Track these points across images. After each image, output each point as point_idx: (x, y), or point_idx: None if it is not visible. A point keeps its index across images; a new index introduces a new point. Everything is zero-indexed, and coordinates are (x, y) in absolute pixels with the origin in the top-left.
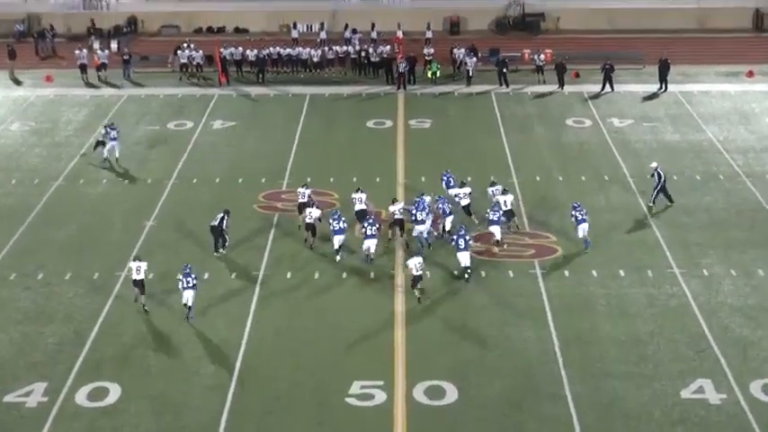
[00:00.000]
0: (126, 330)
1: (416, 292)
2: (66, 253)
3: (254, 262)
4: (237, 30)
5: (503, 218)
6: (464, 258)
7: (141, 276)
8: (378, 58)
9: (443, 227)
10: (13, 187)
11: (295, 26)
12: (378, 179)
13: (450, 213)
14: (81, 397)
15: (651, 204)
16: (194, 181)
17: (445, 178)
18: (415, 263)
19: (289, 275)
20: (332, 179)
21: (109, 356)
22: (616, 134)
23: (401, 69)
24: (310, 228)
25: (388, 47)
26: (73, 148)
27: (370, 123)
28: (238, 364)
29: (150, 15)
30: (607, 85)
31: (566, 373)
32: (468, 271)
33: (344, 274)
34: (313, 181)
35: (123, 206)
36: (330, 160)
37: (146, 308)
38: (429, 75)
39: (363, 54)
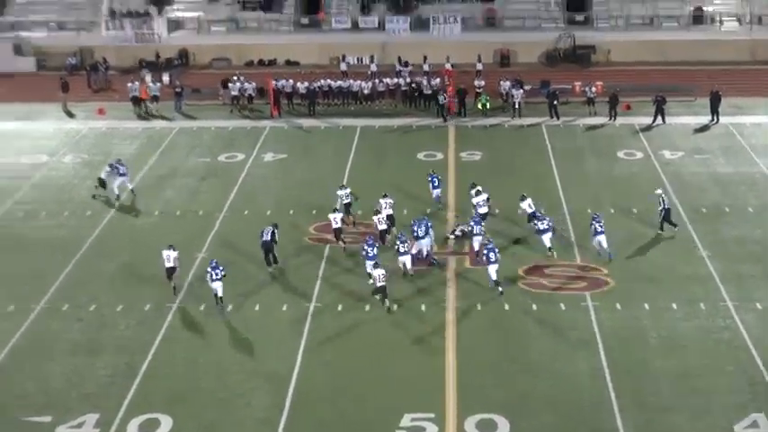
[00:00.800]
0: (177, 362)
1: (387, 303)
2: (118, 285)
3: (306, 294)
4: (288, 62)
5: (551, 224)
6: (494, 272)
7: (172, 264)
8: (430, 91)
9: (475, 248)
10: (65, 219)
11: (344, 59)
12: (428, 210)
13: (479, 234)
14: (133, 428)
15: (660, 231)
16: (245, 213)
17: (431, 179)
18: (379, 273)
19: (340, 308)
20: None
21: (160, 388)
22: (667, 166)
23: (441, 102)
24: (337, 233)
25: (439, 79)
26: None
27: (420, 155)
28: (289, 396)
29: (201, 48)
30: (659, 118)
31: (618, 405)
32: (499, 287)
33: (395, 306)
34: (364, 213)
35: (174, 238)
36: (381, 192)
37: (175, 290)
38: (479, 107)
39: (414, 86)
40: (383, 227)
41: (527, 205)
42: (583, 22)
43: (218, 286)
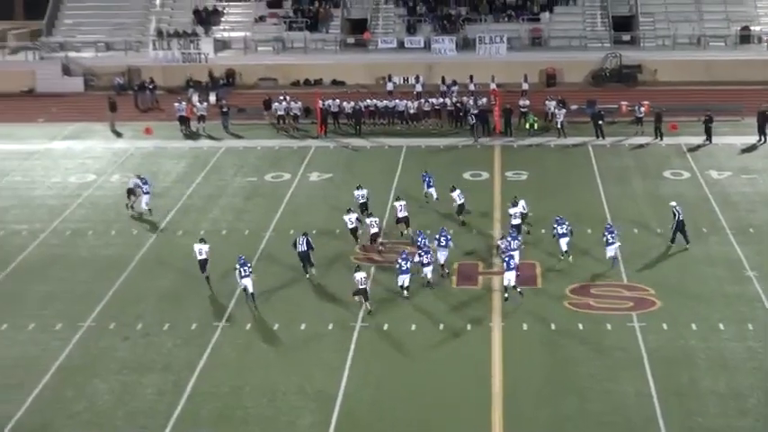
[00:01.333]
0: (224, 380)
1: (367, 305)
2: (164, 303)
3: (351, 313)
4: (334, 82)
5: (570, 228)
6: (510, 277)
7: (204, 257)
8: (476, 110)
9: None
10: (112, 238)
11: (390, 78)
12: (474, 231)
13: (517, 249)
14: None
15: (671, 243)
16: (291, 232)
17: (425, 178)
18: (360, 277)
19: (386, 327)
20: (428, 231)
21: (207, 406)
22: (714, 186)
23: (471, 122)
24: (353, 232)
25: (485, 99)
26: (172, 200)
27: (466, 175)
28: (335, 416)
29: (248, 68)
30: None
31: (665, 426)
32: (517, 289)
33: (441, 326)
34: (407, 233)
35: (221, 258)
36: (427, 212)
37: (208, 280)
38: (527, 126)
39: (460, 106)
40: (375, 230)
41: (521, 206)
42: (629, 42)
43: (247, 282)
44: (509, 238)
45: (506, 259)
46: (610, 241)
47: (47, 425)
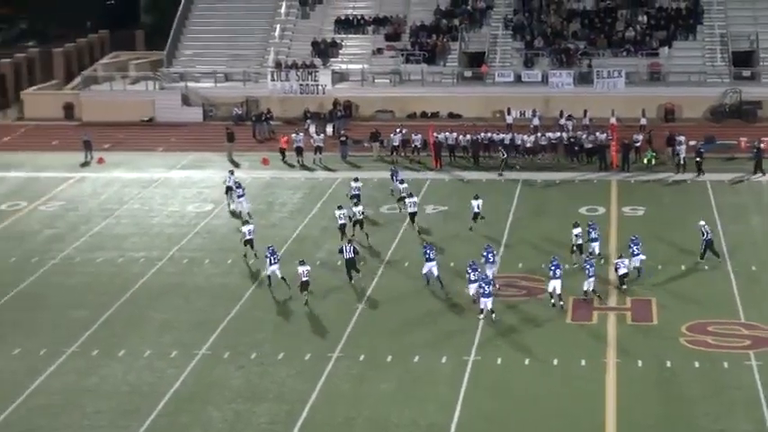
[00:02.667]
0: (337, 412)
1: (304, 294)
2: (279, 333)
3: (465, 346)
4: (451, 115)
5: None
6: (556, 286)
7: (251, 237)
8: (591, 145)
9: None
10: (228, 267)
11: (509, 112)
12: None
13: (593, 276)
14: None
15: (700, 260)
16: (406, 264)
17: (395, 176)
18: (303, 270)
19: (499, 361)
20: (543, 264)
21: None
22: None
23: (503, 156)
24: (342, 228)
25: (604, 135)
26: (287, 231)
27: (582, 210)
28: None
29: (365, 100)
30: None
31: None
32: (561, 301)
33: (555, 361)
34: (523, 266)
35: (336, 288)
36: (542, 246)
37: (249, 261)
38: (645, 161)
39: (574, 140)
40: (342, 222)
41: (476, 206)
42: (750, 78)
43: (274, 269)
44: (587, 266)
45: (552, 268)
46: (635, 253)
47: None
